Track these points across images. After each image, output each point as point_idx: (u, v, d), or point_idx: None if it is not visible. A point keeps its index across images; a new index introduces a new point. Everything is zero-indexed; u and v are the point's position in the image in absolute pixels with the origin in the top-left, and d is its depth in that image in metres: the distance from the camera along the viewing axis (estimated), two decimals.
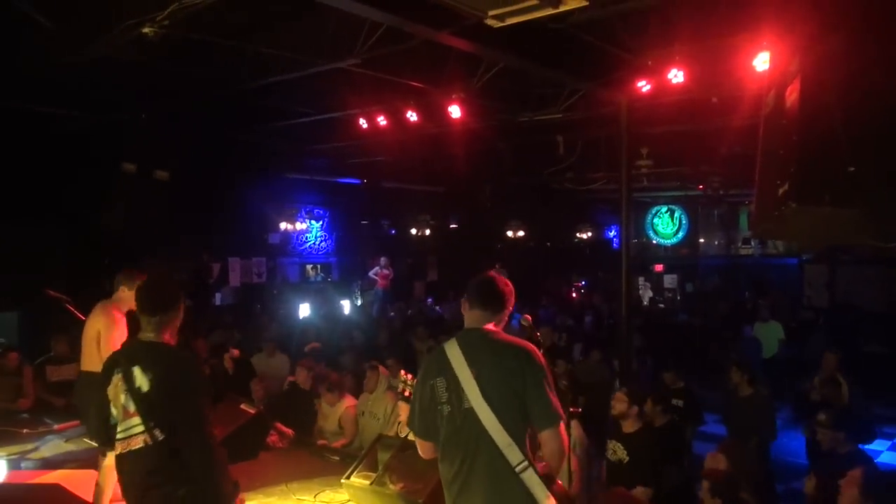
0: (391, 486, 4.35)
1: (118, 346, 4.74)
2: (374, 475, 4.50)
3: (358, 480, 4.53)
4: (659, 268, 19.07)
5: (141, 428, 2.74)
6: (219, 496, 2.82)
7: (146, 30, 5.79)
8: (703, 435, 6.80)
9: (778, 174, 2.50)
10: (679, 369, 6.73)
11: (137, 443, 2.74)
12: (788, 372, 9.36)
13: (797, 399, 7.62)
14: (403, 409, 5.59)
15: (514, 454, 2.55)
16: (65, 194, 9.57)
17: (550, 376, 2.68)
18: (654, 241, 20.63)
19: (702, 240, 21.24)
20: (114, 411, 2.81)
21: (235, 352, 7.54)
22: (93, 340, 4.86)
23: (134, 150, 9.96)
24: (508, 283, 2.95)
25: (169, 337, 2.92)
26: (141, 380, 2.76)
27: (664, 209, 19.99)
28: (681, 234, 20.03)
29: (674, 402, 6.32)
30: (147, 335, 2.92)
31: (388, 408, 6.04)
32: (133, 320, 5.08)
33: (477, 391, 2.59)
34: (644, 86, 7.12)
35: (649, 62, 6.96)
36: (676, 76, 6.77)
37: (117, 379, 2.81)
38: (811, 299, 14.99)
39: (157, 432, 2.71)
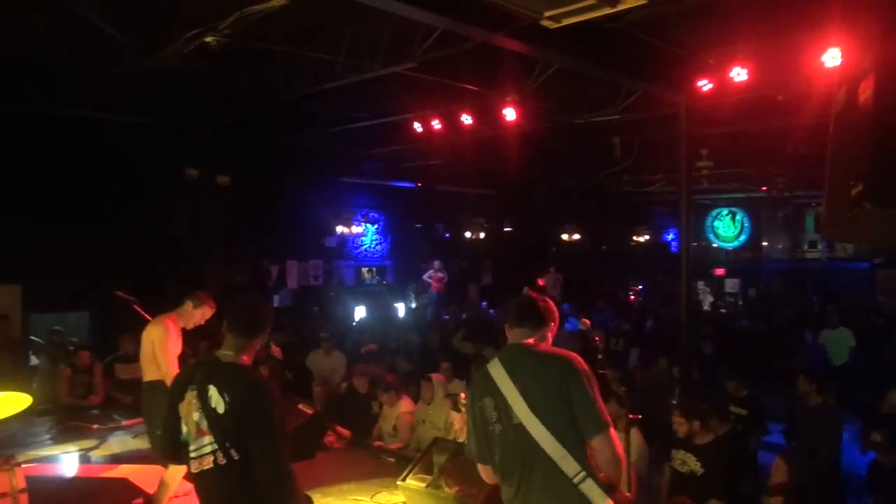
0: (447, 490, 4.34)
1: (174, 357, 4.88)
2: (429, 478, 4.51)
3: (414, 483, 4.54)
4: (720, 272, 18.54)
5: (212, 447, 2.69)
6: None
7: (209, 39, 5.96)
8: (768, 445, 6.56)
9: (850, 174, 2.40)
10: (742, 377, 6.50)
11: (208, 462, 2.70)
12: (859, 381, 8.95)
13: (864, 411, 7.27)
14: (457, 419, 5.60)
15: (569, 465, 2.50)
16: (132, 200, 9.94)
17: (595, 383, 2.63)
18: (715, 245, 20.07)
19: (765, 243, 20.55)
20: (185, 428, 2.78)
21: (276, 349, 7.67)
22: (149, 352, 5.01)
23: (196, 156, 10.28)
24: (547, 300, 2.95)
25: (247, 358, 2.88)
26: (217, 400, 2.69)
27: (725, 211, 19.44)
28: (743, 237, 19.42)
29: (736, 410, 6.12)
30: (227, 354, 2.85)
31: (447, 417, 6.03)
32: (190, 335, 5.25)
33: (524, 405, 2.57)
34: (705, 85, 6.93)
35: (710, 60, 6.78)
36: (739, 74, 6.57)
37: (191, 396, 2.76)
38: (883, 305, 14.31)
39: (233, 453, 2.66)
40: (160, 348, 4.92)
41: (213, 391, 2.71)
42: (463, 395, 3.57)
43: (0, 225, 8.97)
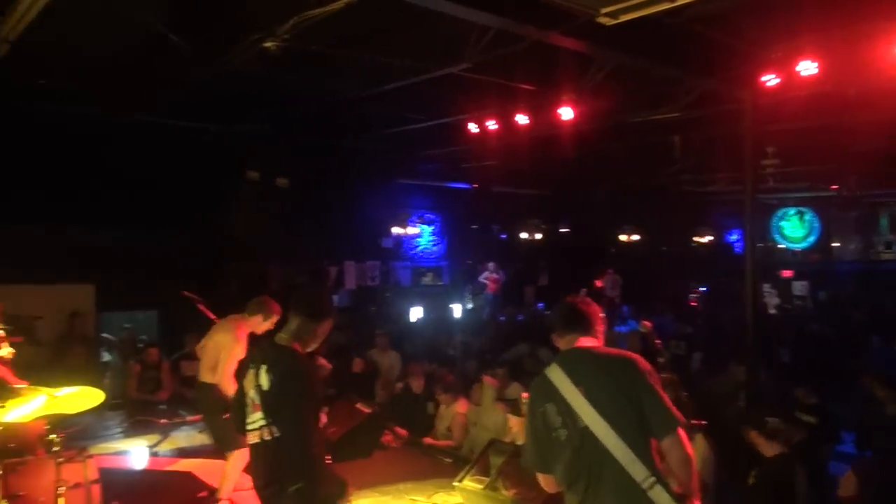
0: (504, 492, 4.32)
1: (234, 365, 4.88)
2: (486, 480, 4.49)
3: (471, 484, 4.53)
4: (787, 274, 17.86)
5: (262, 423, 2.84)
6: (325, 496, 2.85)
7: (268, 44, 6.09)
8: (840, 455, 6.28)
9: None
10: (812, 384, 6.23)
11: (257, 437, 2.86)
12: None
13: None
14: (514, 422, 5.56)
15: (638, 470, 2.43)
16: (196, 202, 10.27)
17: (659, 381, 2.59)
18: (782, 246, 19.34)
19: (835, 244, 19.68)
20: (247, 402, 2.95)
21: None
22: (212, 356, 5.09)
23: (257, 159, 10.53)
24: (589, 301, 2.91)
25: (302, 343, 2.97)
26: (264, 378, 2.86)
27: (792, 211, 18.71)
28: (812, 238, 18.66)
29: (805, 418, 5.87)
30: (282, 337, 2.98)
31: (498, 419, 5.99)
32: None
33: (590, 409, 2.51)
34: (771, 80, 6.67)
35: (776, 54, 6.53)
36: (808, 68, 6.30)
37: (251, 374, 2.95)
38: None
39: (274, 429, 2.79)
40: (225, 357, 4.97)
41: (263, 369, 2.88)
42: (525, 394, 3.45)
43: (75, 228, 9.43)
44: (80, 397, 4.10)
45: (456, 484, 4.59)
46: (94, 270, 9.49)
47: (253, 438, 2.90)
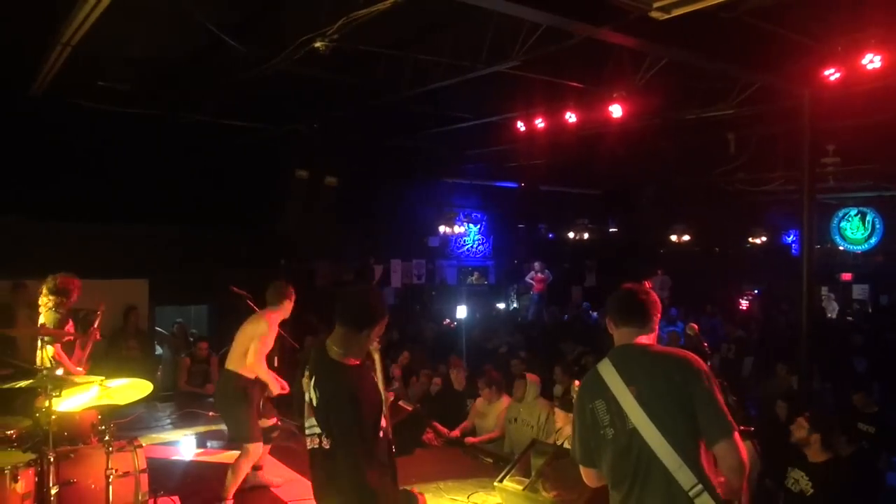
0: (544, 494, 4.26)
1: (264, 353, 4.96)
2: (527, 481, 4.44)
3: (511, 485, 4.49)
4: (846, 277, 17.20)
5: (316, 430, 2.70)
6: None
7: (318, 44, 6.14)
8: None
9: None
10: (870, 390, 5.97)
11: (314, 443, 2.72)
12: None
13: None
14: (560, 417, 5.48)
15: (686, 476, 2.36)
16: (248, 200, 10.48)
17: (717, 384, 2.48)
18: (842, 247, 18.63)
19: None
20: (305, 403, 2.81)
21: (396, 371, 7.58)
22: (245, 343, 5.02)
23: (306, 158, 10.68)
24: (650, 291, 2.78)
25: (354, 355, 2.74)
26: (312, 392, 2.73)
27: (853, 211, 18.00)
28: (874, 240, 17.91)
29: (864, 427, 5.62)
30: (332, 349, 2.74)
31: (541, 415, 5.92)
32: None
33: (640, 410, 2.44)
34: (832, 74, 6.40)
35: (839, 48, 6.26)
36: (872, 62, 6.03)
37: (305, 377, 2.80)
38: None
39: (325, 441, 2.65)
40: (259, 342, 4.94)
41: (312, 382, 2.75)
42: (578, 383, 3.30)
43: (130, 225, 9.73)
44: (131, 388, 4.21)
45: (496, 484, 4.56)
46: (149, 266, 9.77)
47: (309, 443, 2.76)
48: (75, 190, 9.03)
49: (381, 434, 2.70)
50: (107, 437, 4.06)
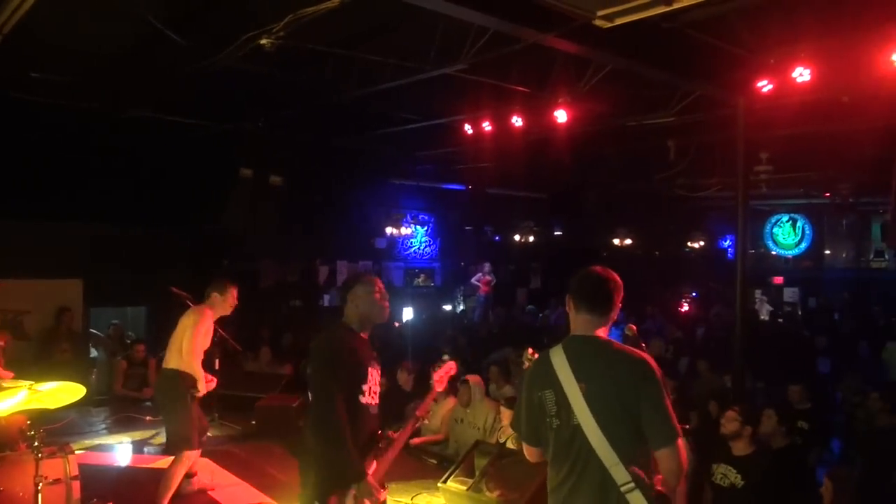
0: (488, 493, 4.30)
1: (201, 348, 4.92)
2: (470, 481, 4.47)
3: (454, 485, 4.51)
4: (778, 280, 17.92)
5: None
6: (336, 464, 3.03)
7: (263, 41, 6.05)
8: (829, 462, 6.28)
9: None
10: (808, 385, 6.23)
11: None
12: None
13: None
14: (506, 416, 5.54)
15: (620, 474, 2.43)
16: (188, 198, 10.21)
17: (668, 389, 2.52)
18: (774, 252, 19.41)
19: (827, 251, 19.75)
20: None
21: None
22: (178, 338, 4.97)
23: (251, 157, 10.49)
24: (617, 277, 2.71)
25: (346, 323, 3.34)
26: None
27: (785, 218, 18.78)
28: (804, 245, 18.73)
29: (799, 424, 5.87)
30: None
31: (488, 417, 5.96)
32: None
33: (585, 408, 2.47)
34: (765, 86, 6.67)
35: (771, 60, 6.53)
36: (802, 75, 6.30)
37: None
38: None
39: (309, 395, 3.17)
40: (191, 334, 4.87)
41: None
42: (532, 351, 3.37)
43: (64, 222, 9.36)
44: (62, 392, 4.05)
45: (440, 485, 4.57)
46: (83, 265, 9.43)
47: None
48: (4, 186, 8.64)
49: (364, 400, 3.18)
50: (36, 443, 3.89)
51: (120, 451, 6.33)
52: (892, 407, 5.65)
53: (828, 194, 14.35)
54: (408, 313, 14.40)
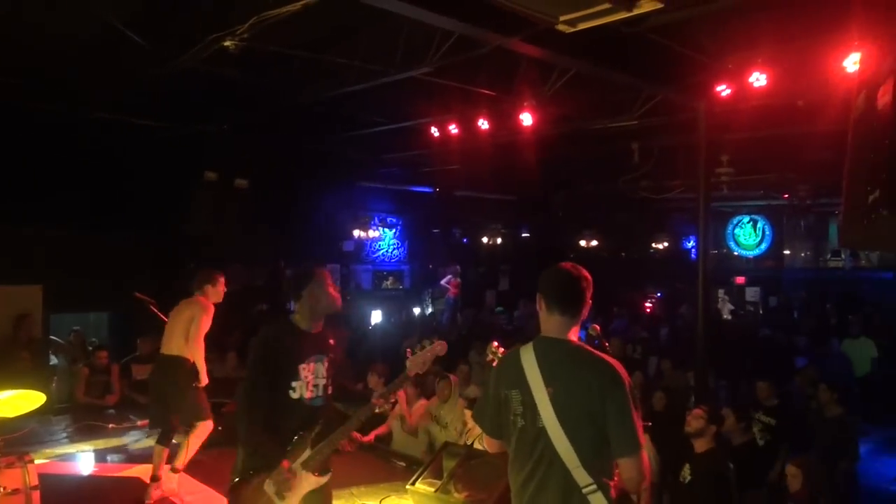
0: (456, 495, 4.32)
1: (204, 334, 5.19)
2: (438, 483, 4.49)
3: (423, 487, 4.52)
4: (740, 280, 18.31)
5: None
6: (254, 451, 3.29)
7: (228, 43, 6.02)
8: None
9: (868, 180, 2.37)
10: (774, 383, 6.38)
11: None
12: (882, 392, 8.77)
13: None
14: (470, 417, 5.57)
15: (581, 476, 2.46)
16: (152, 202, 10.06)
17: (633, 398, 2.51)
18: (736, 253, 19.82)
19: (787, 251, 20.24)
20: None
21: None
22: (182, 326, 5.18)
23: (216, 160, 10.37)
24: (587, 274, 2.67)
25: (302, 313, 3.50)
26: None
27: (746, 219, 19.19)
28: (764, 246, 19.16)
29: (765, 419, 6.02)
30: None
31: (458, 418, 6.01)
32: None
33: (551, 412, 2.48)
34: (724, 90, 6.84)
35: (729, 65, 6.69)
36: (759, 80, 6.48)
37: None
38: None
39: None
40: (198, 324, 5.15)
41: None
42: (498, 345, 3.46)
43: (22, 226, 9.13)
44: (21, 400, 3.98)
45: (408, 487, 4.58)
46: (43, 270, 9.21)
47: None
48: None
49: (294, 395, 3.35)
50: None
51: (82, 460, 6.21)
52: (839, 398, 5.84)
53: (786, 196, 14.71)
54: (376, 316, 14.37)
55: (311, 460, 3.30)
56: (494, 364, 3.64)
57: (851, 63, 5.59)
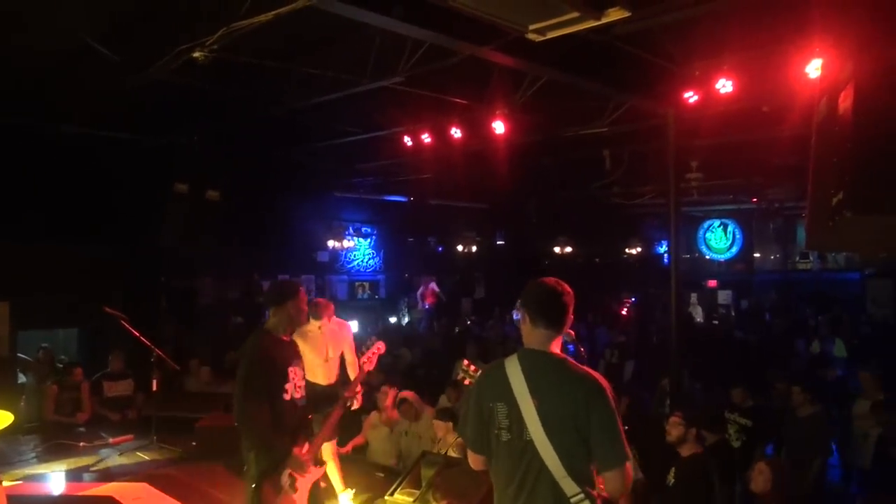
0: None
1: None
2: (417, 492, 4.47)
3: (402, 497, 4.50)
4: (712, 283, 18.59)
5: None
6: (267, 453, 3.64)
7: (196, 54, 5.96)
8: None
9: (832, 183, 2.42)
10: (749, 386, 6.47)
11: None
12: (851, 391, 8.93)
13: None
14: (439, 427, 5.57)
15: (569, 486, 2.49)
16: (122, 215, 9.90)
17: (616, 408, 2.55)
18: (708, 257, 20.13)
19: (757, 254, 20.60)
20: None
21: None
22: (332, 353, 5.38)
23: (186, 171, 10.26)
24: (569, 289, 2.73)
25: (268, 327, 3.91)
26: None
27: (717, 223, 19.52)
28: (735, 249, 19.49)
29: (742, 420, 6.11)
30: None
31: (430, 429, 5.99)
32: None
33: (538, 424, 2.50)
34: (691, 97, 6.96)
35: (696, 72, 6.81)
36: (725, 86, 6.60)
37: None
38: (874, 315, 14.35)
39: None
40: (351, 346, 5.56)
41: None
42: (469, 363, 3.82)
43: None
44: None
45: (387, 498, 4.56)
46: (10, 286, 9.00)
47: None
48: None
49: (287, 396, 3.75)
50: None
51: (52, 479, 6.05)
52: (812, 398, 5.94)
53: (755, 200, 14.98)
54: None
55: (310, 451, 3.82)
56: (467, 382, 3.72)
57: (813, 69, 5.73)
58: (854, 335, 11.54)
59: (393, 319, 15.99)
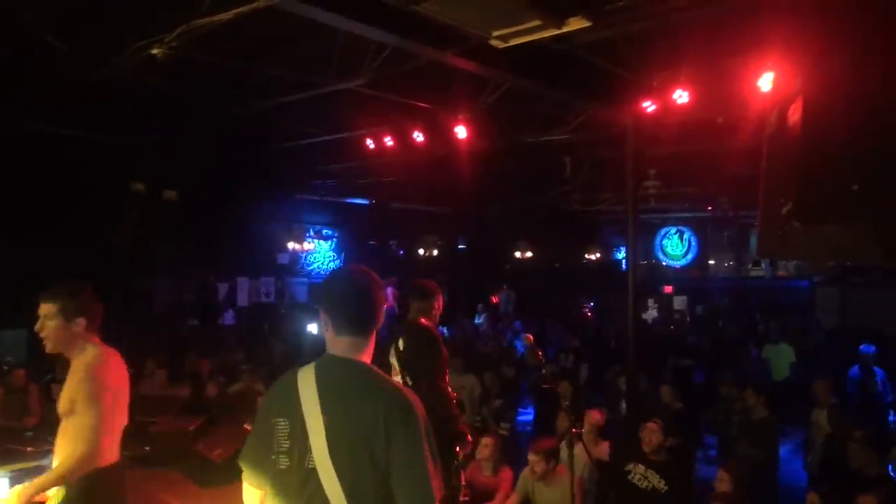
0: None
1: None
2: None
3: None
4: (668, 289, 18.97)
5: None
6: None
7: (155, 51, 5.85)
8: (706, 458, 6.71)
9: (781, 193, 2.49)
10: (677, 388, 6.63)
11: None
12: (798, 395, 9.22)
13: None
14: None
15: None
16: (75, 214, 9.66)
17: (432, 439, 2.01)
18: (664, 263, 20.53)
19: (712, 261, 21.11)
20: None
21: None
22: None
23: (143, 171, 10.07)
24: (375, 275, 2.17)
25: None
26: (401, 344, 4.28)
27: (673, 230, 19.93)
28: (690, 256, 19.94)
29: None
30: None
31: None
32: None
33: (324, 447, 1.93)
34: (649, 106, 7.11)
35: (654, 83, 6.96)
36: (682, 97, 6.76)
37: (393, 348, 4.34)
38: (822, 322, 14.82)
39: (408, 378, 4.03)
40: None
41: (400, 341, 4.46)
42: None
43: None
44: None
45: None
46: None
47: None
48: None
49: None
50: None
51: None
52: (765, 401, 6.12)
53: (710, 208, 15.35)
54: (313, 329, 14.15)
55: None
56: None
57: (766, 82, 5.91)
58: (804, 341, 11.90)
59: None
